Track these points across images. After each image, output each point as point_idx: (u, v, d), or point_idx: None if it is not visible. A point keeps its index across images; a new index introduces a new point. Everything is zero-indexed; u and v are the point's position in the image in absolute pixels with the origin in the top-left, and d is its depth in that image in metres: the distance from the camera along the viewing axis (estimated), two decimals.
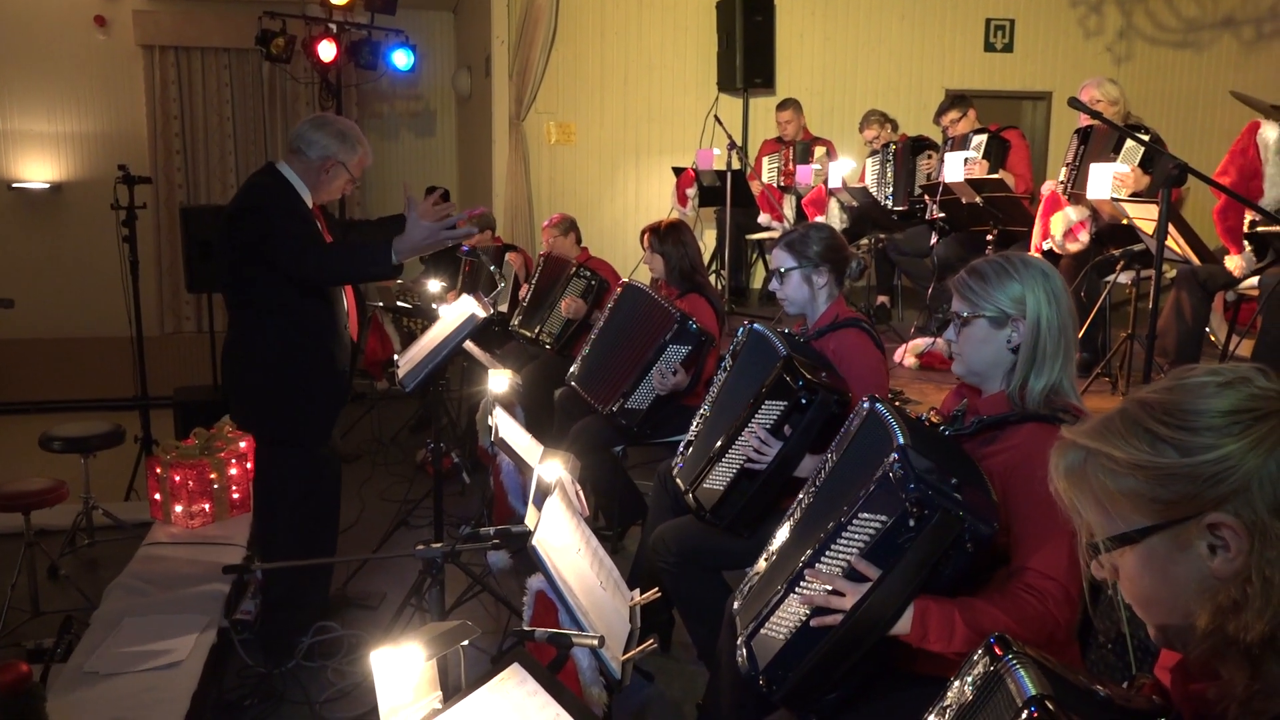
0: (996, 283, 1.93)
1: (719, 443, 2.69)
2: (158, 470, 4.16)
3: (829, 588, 1.74)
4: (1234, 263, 4.27)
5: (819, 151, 7.17)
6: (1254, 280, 4.27)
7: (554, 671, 1.63)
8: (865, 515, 1.75)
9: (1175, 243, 4.12)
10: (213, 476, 4.16)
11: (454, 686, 1.49)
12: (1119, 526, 1.02)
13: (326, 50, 7.65)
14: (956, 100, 6.14)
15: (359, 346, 3.77)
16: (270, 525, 3.40)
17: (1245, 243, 4.31)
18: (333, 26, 7.77)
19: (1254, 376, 1.02)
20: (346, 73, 8.52)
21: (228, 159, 9.04)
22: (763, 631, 1.90)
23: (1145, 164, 4.62)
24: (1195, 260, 4.21)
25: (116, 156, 7.68)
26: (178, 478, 4.10)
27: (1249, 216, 4.27)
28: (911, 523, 1.65)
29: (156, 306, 8.87)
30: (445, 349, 3.47)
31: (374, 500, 4.98)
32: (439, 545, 2.18)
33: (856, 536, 1.76)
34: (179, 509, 4.12)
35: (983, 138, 5.69)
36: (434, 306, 4.93)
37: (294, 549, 3.32)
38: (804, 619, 1.80)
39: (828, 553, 1.81)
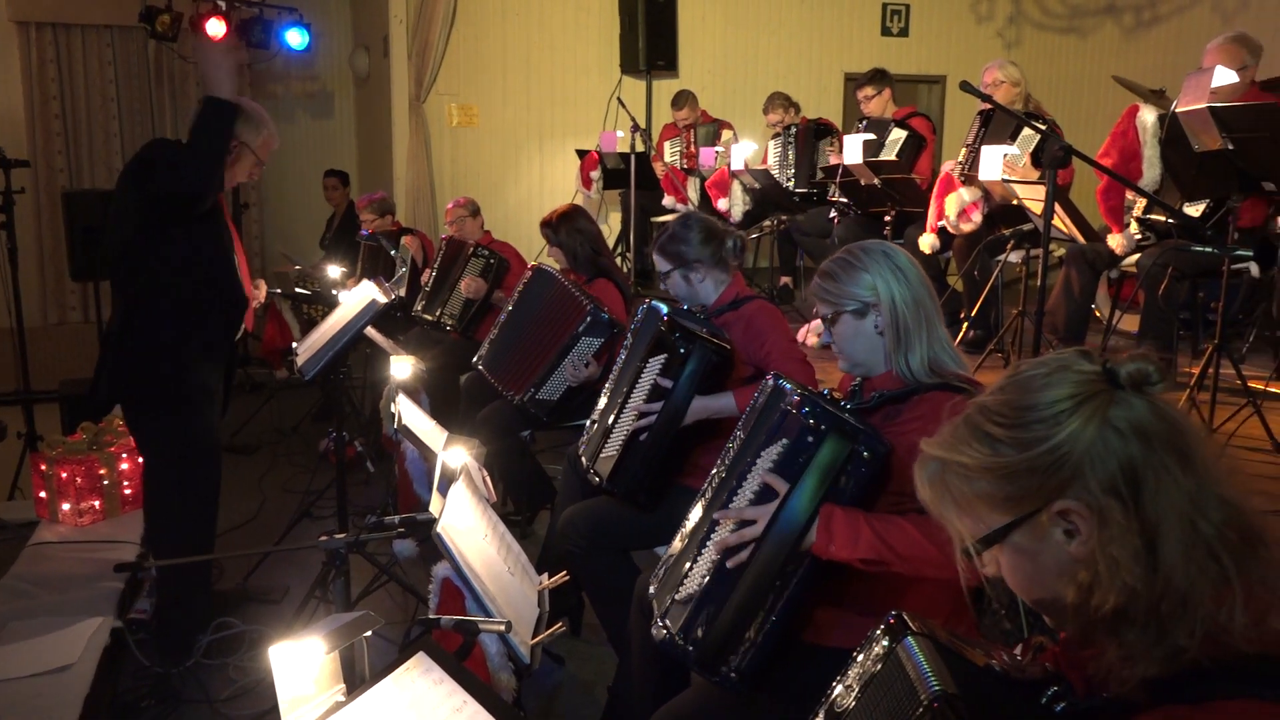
0: (846, 277, 1.99)
1: (612, 412, 2.74)
2: (43, 467, 3.98)
3: (742, 518, 1.78)
4: (1116, 241, 4.44)
5: (726, 135, 7.22)
6: (1135, 257, 4.46)
7: (461, 659, 1.61)
8: (767, 449, 1.82)
9: (1062, 222, 4.27)
10: (102, 472, 3.99)
11: (359, 679, 1.46)
12: (982, 529, 1.06)
13: (215, 28, 7.37)
14: (875, 76, 6.19)
15: (258, 331, 3.67)
16: (162, 521, 3.29)
17: (1134, 224, 4.49)
18: (221, 3, 7.48)
19: (1073, 361, 1.06)
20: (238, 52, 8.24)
21: (112, 141, 8.65)
22: (677, 598, 1.92)
23: (1038, 153, 4.75)
24: (1081, 239, 4.37)
25: None
26: (65, 474, 3.93)
27: (1134, 199, 4.46)
28: (810, 438, 1.74)
29: (39, 296, 8.46)
30: (346, 336, 3.39)
31: (275, 492, 4.86)
32: (343, 536, 2.13)
33: (761, 469, 1.82)
34: (66, 507, 3.95)
35: (901, 136, 5.77)
36: (333, 292, 4.82)
37: (188, 544, 3.21)
38: (717, 565, 1.83)
39: (736, 495, 1.86)
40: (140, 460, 4.07)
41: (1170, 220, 4.23)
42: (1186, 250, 4.04)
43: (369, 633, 1.41)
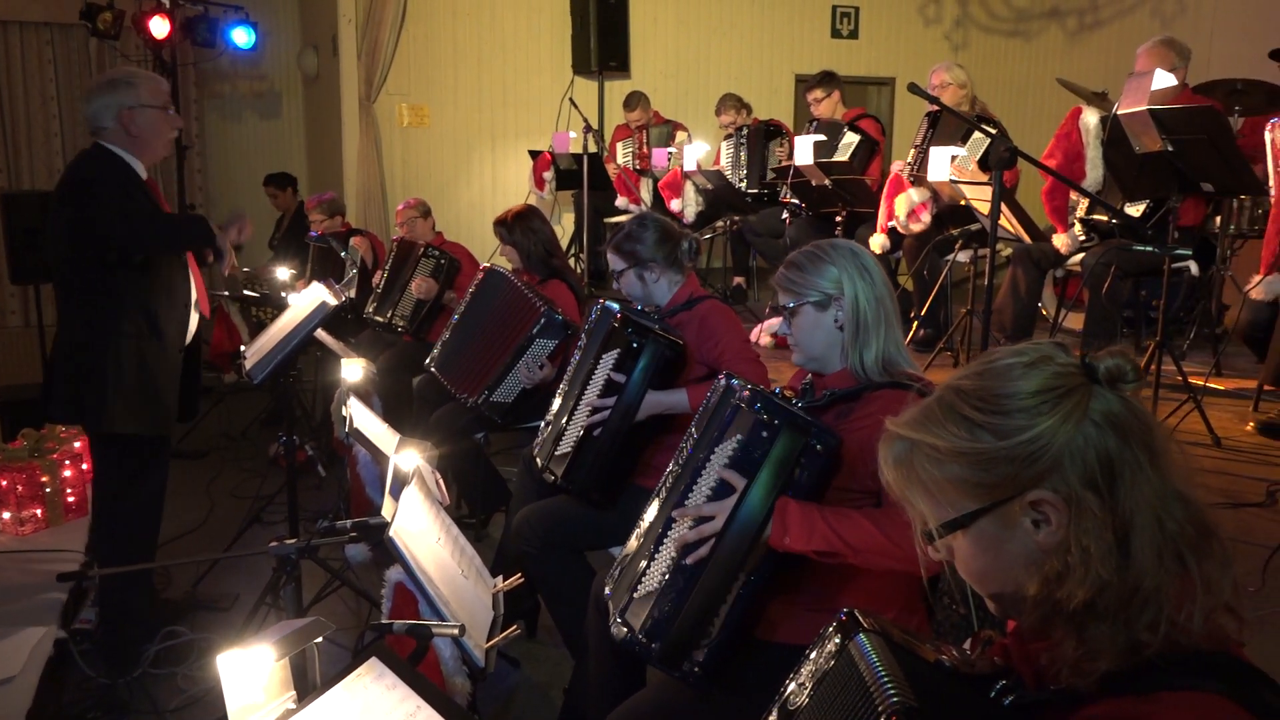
0: (812, 269, 2.01)
1: (567, 410, 2.75)
2: None
3: (700, 515, 1.80)
4: (1061, 241, 4.53)
5: (681, 136, 7.23)
6: (1080, 257, 4.55)
7: (414, 663, 1.60)
8: (721, 446, 1.84)
9: (1009, 222, 4.34)
10: (44, 480, 3.90)
11: (310, 686, 1.44)
12: (949, 513, 1.06)
13: (159, 26, 7.24)
14: (824, 78, 6.26)
15: (205, 335, 3.61)
16: (110, 528, 3.22)
17: (1077, 224, 4.58)
18: (165, 1, 7.36)
19: (1054, 354, 1.06)
20: (182, 50, 8.08)
21: (53, 141, 8.45)
22: (635, 598, 1.92)
23: (985, 156, 4.83)
24: (1027, 239, 4.45)
25: None
26: (4, 482, 3.83)
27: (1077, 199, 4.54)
28: (765, 433, 1.77)
29: None
30: (295, 338, 3.35)
31: (224, 498, 4.78)
32: (294, 541, 2.11)
33: (717, 465, 1.84)
34: (7, 516, 3.85)
35: (854, 140, 5.82)
36: (283, 295, 4.75)
37: (135, 552, 3.15)
38: (676, 562, 1.84)
39: (692, 492, 1.87)
40: (85, 467, 3.99)
41: (1113, 220, 4.32)
42: (1128, 250, 4.13)
43: (320, 639, 1.39)
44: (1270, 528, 2.82)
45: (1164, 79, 3.98)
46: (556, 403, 2.91)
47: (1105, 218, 4.39)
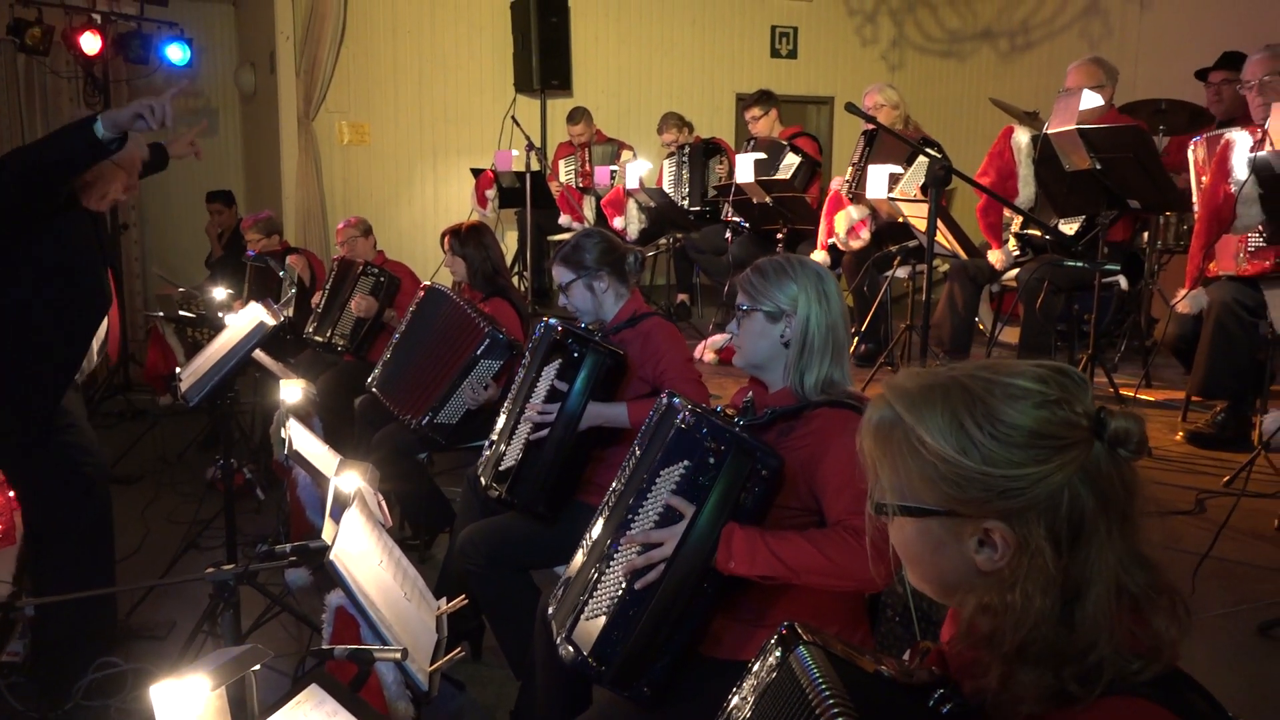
0: (775, 280, 2.03)
1: (511, 424, 2.75)
2: None
3: (648, 541, 1.80)
4: (996, 256, 4.63)
5: (626, 155, 7.27)
6: (1014, 272, 4.65)
7: (356, 689, 1.58)
8: (667, 470, 1.84)
9: (945, 239, 4.43)
10: None
11: (249, 715, 1.41)
12: (907, 497, 1.06)
13: (90, 43, 7.10)
14: (761, 97, 6.34)
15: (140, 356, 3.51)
16: (51, 562, 3.11)
17: (1012, 240, 4.68)
18: (96, 17, 7.22)
19: (1076, 398, 1.02)
20: (115, 66, 7.93)
21: None
22: (583, 619, 1.92)
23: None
24: (963, 255, 4.54)
25: None
26: None
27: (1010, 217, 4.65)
28: (712, 460, 1.77)
29: None
30: (233, 359, 3.29)
31: (160, 523, 4.66)
32: (231, 567, 2.07)
33: (663, 490, 1.84)
34: None
35: (795, 161, 5.89)
36: (220, 315, 4.67)
37: (72, 580, 3.05)
38: (625, 587, 1.84)
39: (638, 515, 1.87)
40: (11, 495, 3.86)
41: (1045, 236, 4.43)
42: (1060, 265, 4.23)
43: (258, 666, 1.37)
44: (1199, 535, 2.89)
45: (1091, 99, 4.10)
46: (500, 421, 2.90)
47: (1039, 233, 4.50)
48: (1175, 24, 6.60)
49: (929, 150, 4.29)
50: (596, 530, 2.03)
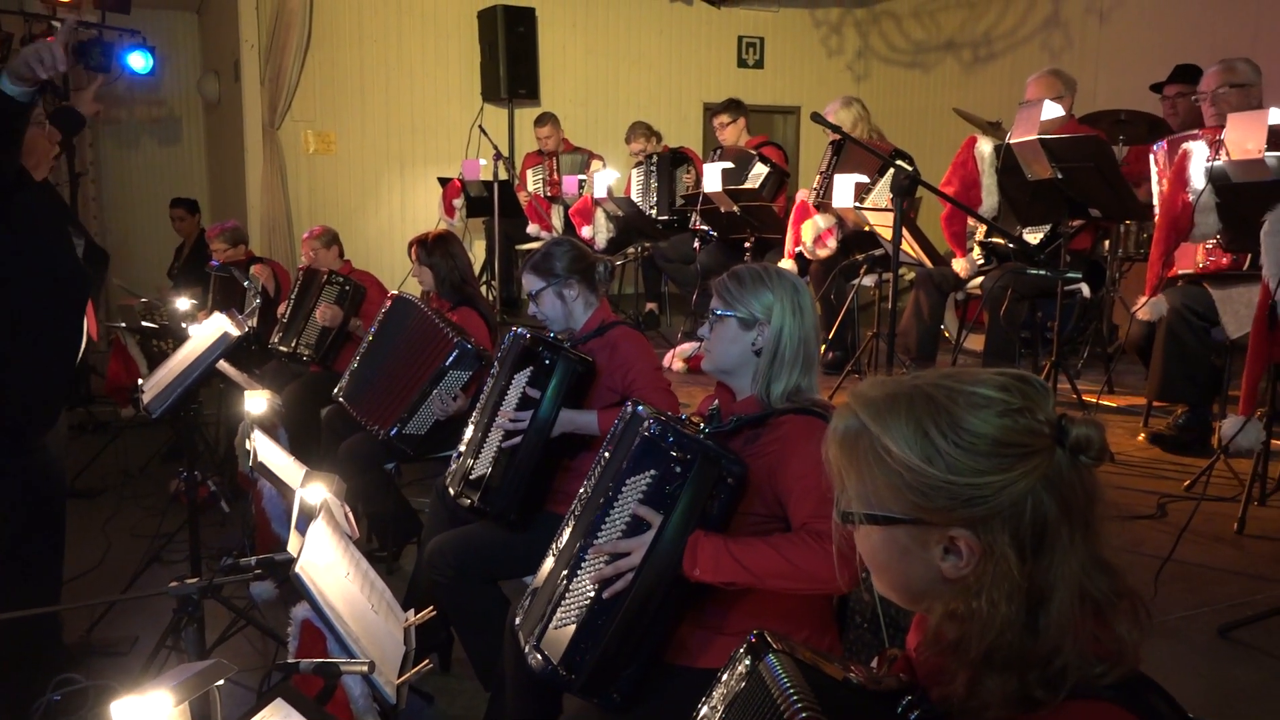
0: (752, 288, 2.03)
1: (481, 433, 2.75)
2: None
3: (616, 551, 1.80)
4: (960, 265, 4.68)
5: (596, 165, 7.27)
6: (979, 280, 4.70)
7: (322, 703, 1.56)
8: (633, 478, 1.85)
9: (910, 247, 4.47)
10: None
11: None
12: (873, 506, 1.06)
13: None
14: (729, 105, 6.38)
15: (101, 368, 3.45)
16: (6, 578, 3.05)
17: (976, 248, 4.74)
18: (57, 24, 7.13)
19: (1038, 406, 1.03)
20: (76, 74, 7.84)
21: None
22: (551, 628, 1.92)
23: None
24: (928, 263, 4.58)
25: None
26: None
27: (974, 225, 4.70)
28: (678, 469, 1.78)
29: None
30: (196, 370, 3.25)
31: (122, 537, 4.59)
32: (195, 580, 2.04)
33: (630, 499, 1.85)
34: None
35: (763, 171, 5.92)
36: (183, 326, 4.62)
37: (37, 600, 3.00)
38: (593, 596, 1.84)
39: (604, 526, 1.88)
40: None
41: (1009, 244, 4.48)
42: (1024, 273, 4.29)
43: (222, 681, 1.35)
44: (1161, 539, 2.94)
45: (1052, 109, 4.16)
46: (469, 431, 2.88)
47: (1003, 241, 4.56)
48: (1134, 36, 6.72)
49: (900, 164, 4.33)
50: (564, 538, 2.03)
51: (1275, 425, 3.23)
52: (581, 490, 2.03)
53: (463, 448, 2.90)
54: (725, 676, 1.19)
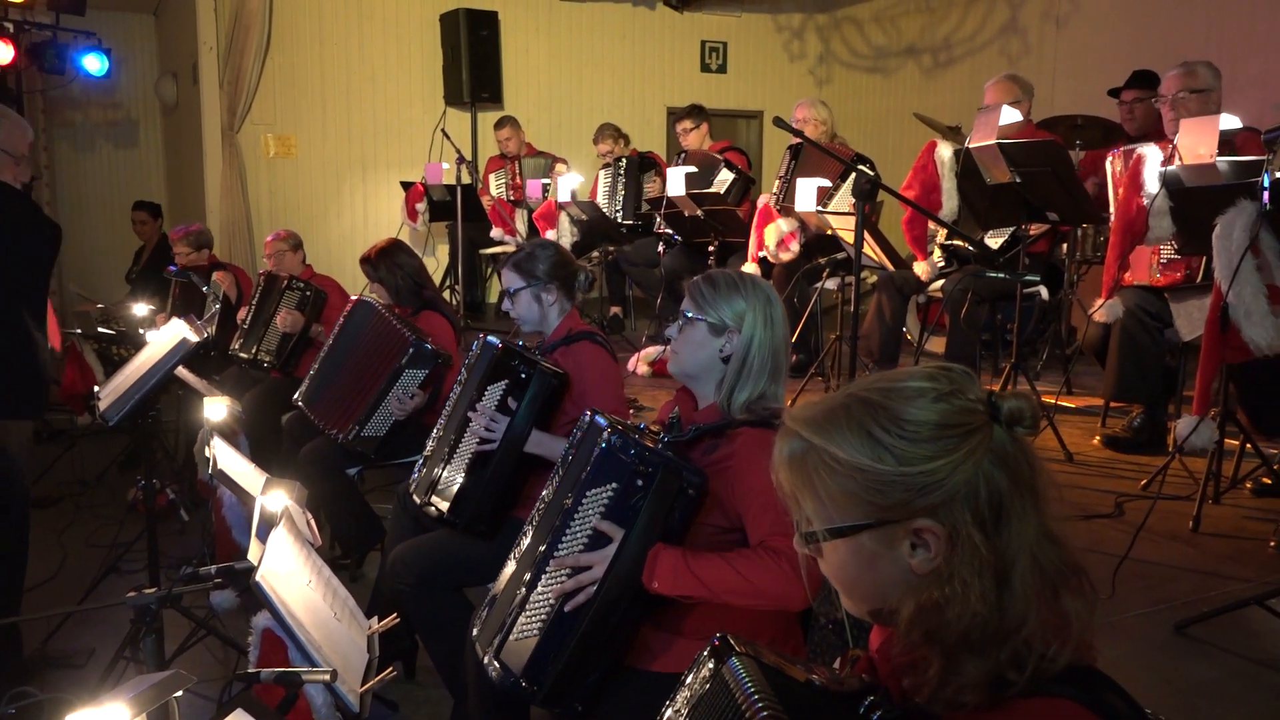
0: (725, 294, 2.02)
1: (450, 442, 2.71)
2: None
3: (578, 565, 1.80)
4: (921, 268, 4.73)
5: (560, 169, 7.26)
6: (940, 283, 4.75)
7: (284, 713, 1.54)
8: (594, 490, 1.84)
9: (872, 251, 4.50)
10: None
11: None
12: (834, 519, 1.07)
13: (2, 52, 6.88)
14: (692, 110, 6.42)
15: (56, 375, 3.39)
16: None
17: (937, 250, 4.79)
18: (9, 25, 7.00)
19: (967, 387, 1.06)
20: (29, 77, 7.70)
21: None
22: (511, 639, 1.90)
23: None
24: (890, 266, 4.62)
25: None
26: None
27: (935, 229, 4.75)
28: (640, 482, 1.77)
29: None
30: (154, 377, 3.21)
31: (78, 547, 4.51)
32: (153, 590, 2.01)
33: (591, 511, 1.84)
34: None
35: (729, 177, 5.94)
36: (140, 331, 4.55)
37: None
38: (554, 608, 1.83)
39: (564, 538, 1.86)
40: None
41: (970, 247, 4.54)
42: (983, 276, 4.34)
43: (180, 692, 1.33)
44: (1119, 537, 2.98)
45: (1010, 115, 4.21)
46: (434, 438, 2.86)
47: (963, 243, 4.61)
48: (1091, 42, 6.83)
49: (863, 169, 4.36)
50: (524, 545, 2.02)
51: (1228, 425, 3.30)
52: (543, 494, 2.02)
53: (428, 453, 2.88)
54: (689, 679, 1.20)
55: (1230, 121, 3.50)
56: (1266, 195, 2.85)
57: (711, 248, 5.56)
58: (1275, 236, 2.90)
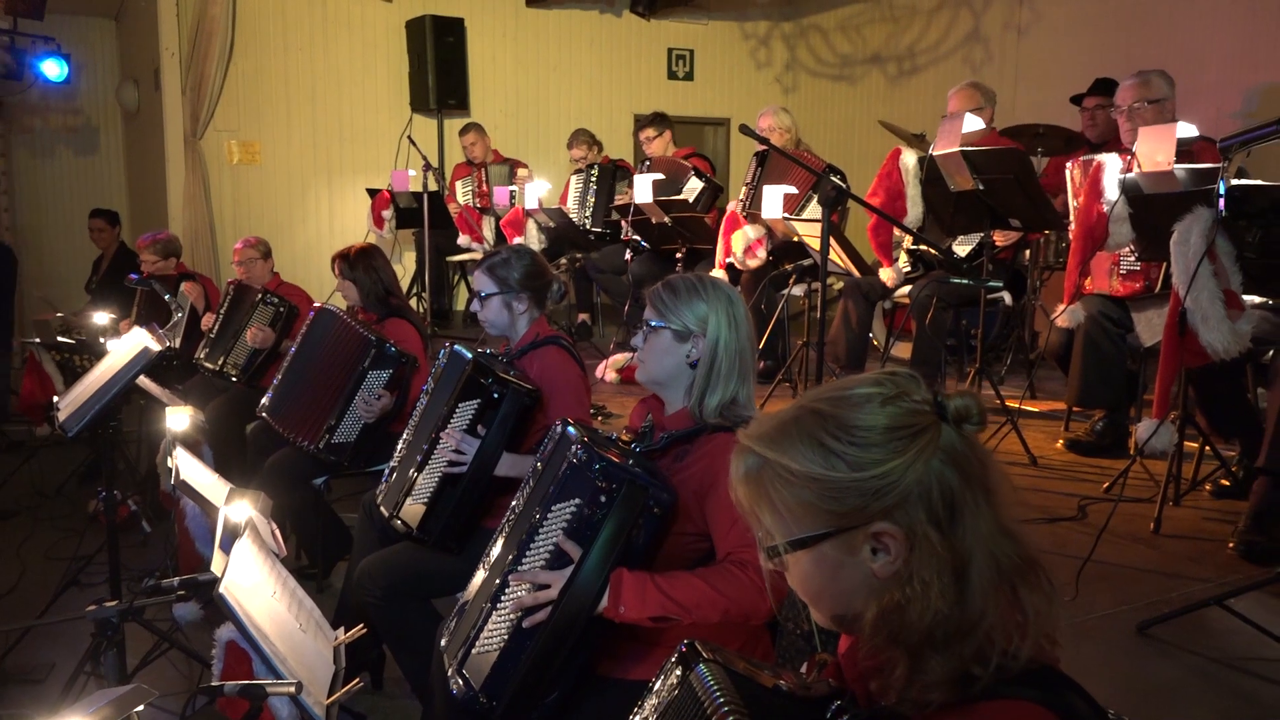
0: (686, 299, 2.02)
1: (419, 457, 2.67)
2: None
3: (536, 582, 1.78)
4: (887, 274, 4.77)
5: (522, 173, 7.25)
6: (906, 289, 4.79)
7: None
8: (559, 505, 1.82)
9: (838, 257, 4.54)
10: None
11: None
12: (794, 531, 1.08)
13: None
14: (655, 118, 6.44)
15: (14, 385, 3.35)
16: None
17: (903, 255, 4.83)
18: None
19: (912, 389, 1.08)
20: None
21: None
22: (474, 653, 1.89)
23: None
24: (856, 272, 4.65)
25: None
26: None
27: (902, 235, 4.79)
28: (603, 498, 1.74)
29: None
30: (114, 387, 3.16)
31: (37, 560, 4.44)
32: (115, 604, 1.98)
33: (554, 527, 1.82)
34: None
35: (698, 186, 5.96)
36: (102, 340, 4.48)
37: None
38: (514, 624, 1.82)
39: (528, 553, 1.85)
40: None
41: (935, 254, 4.58)
42: (948, 282, 4.38)
43: (142, 706, 1.31)
44: (1082, 540, 3.02)
45: (973, 122, 4.26)
46: (403, 449, 2.84)
47: (929, 249, 4.66)
48: (1052, 51, 6.92)
49: (833, 178, 4.40)
50: (492, 559, 2.01)
51: (1187, 428, 3.35)
52: (514, 503, 2.01)
53: (395, 464, 2.86)
54: (657, 686, 1.20)
55: (1188, 130, 3.56)
56: (1222, 202, 2.90)
57: (679, 254, 5.57)
58: (1231, 242, 2.95)
